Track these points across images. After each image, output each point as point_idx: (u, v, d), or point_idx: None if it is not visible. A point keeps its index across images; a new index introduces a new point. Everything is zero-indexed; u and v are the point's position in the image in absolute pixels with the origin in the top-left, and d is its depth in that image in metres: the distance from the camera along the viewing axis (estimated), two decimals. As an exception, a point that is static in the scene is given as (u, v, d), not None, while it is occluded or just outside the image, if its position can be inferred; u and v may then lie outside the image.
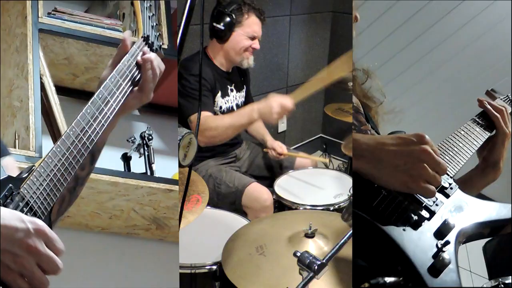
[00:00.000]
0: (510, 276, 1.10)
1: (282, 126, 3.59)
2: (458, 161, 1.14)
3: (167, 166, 2.21)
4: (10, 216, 0.83)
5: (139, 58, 1.18)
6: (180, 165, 1.40)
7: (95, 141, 1.06)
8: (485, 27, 2.69)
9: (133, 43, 1.23)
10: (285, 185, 2.17)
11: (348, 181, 2.19)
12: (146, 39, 1.27)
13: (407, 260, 0.88)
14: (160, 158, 2.28)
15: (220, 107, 2.24)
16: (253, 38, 2.22)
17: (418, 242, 0.91)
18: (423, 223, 0.94)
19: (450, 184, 1.02)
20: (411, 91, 3.01)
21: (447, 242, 0.91)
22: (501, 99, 1.40)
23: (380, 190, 0.94)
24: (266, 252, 1.41)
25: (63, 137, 1.02)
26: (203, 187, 1.61)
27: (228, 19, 2.14)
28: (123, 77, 1.15)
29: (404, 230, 0.92)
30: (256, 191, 2.09)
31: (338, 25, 3.68)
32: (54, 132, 2.04)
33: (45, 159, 0.98)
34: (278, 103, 1.89)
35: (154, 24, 1.32)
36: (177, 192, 2.04)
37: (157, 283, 2.11)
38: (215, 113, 2.22)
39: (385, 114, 1.39)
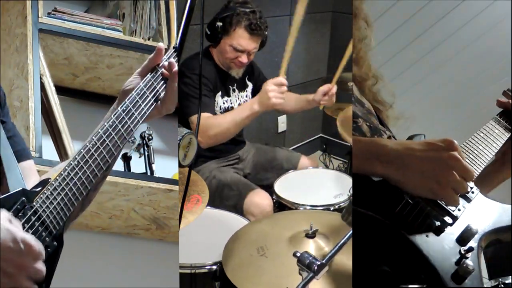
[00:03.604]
0: (510, 276, 1.10)
1: (282, 126, 3.59)
2: (479, 164, 1.13)
3: (167, 166, 2.21)
4: (4, 237, 0.84)
5: (164, 70, 1.14)
6: (180, 165, 1.40)
7: (115, 154, 1.03)
8: (485, 27, 2.69)
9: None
10: (285, 185, 2.17)
11: (348, 181, 2.19)
12: (177, 49, 1.22)
13: (430, 267, 0.87)
14: (160, 158, 2.28)
15: (220, 107, 2.24)
16: (239, 51, 2.15)
17: (441, 248, 0.90)
18: (445, 229, 0.93)
19: (471, 188, 1.01)
20: (411, 91, 3.01)
21: (471, 249, 0.90)
22: None
23: (402, 195, 0.93)
24: (268, 253, 1.41)
25: (81, 149, 1.00)
26: (203, 187, 1.61)
27: (215, 26, 2.10)
28: (150, 88, 1.12)
29: (427, 236, 0.91)
30: (259, 197, 2.08)
31: (338, 25, 3.68)
32: (54, 132, 2.04)
33: (61, 172, 0.97)
34: (271, 83, 1.91)
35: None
36: (177, 192, 2.04)
37: (157, 283, 2.11)
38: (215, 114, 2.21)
39: (396, 120, 1.38)
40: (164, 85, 1.15)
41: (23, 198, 0.92)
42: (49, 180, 0.96)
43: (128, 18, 2.36)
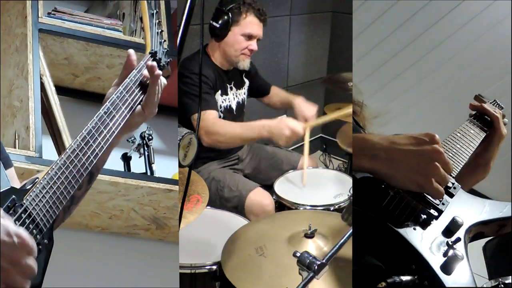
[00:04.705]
0: (510, 276, 1.10)
1: (282, 126, 3.58)
2: (458, 162, 1.15)
3: (167, 166, 2.21)
4: None
5: (145, 72, 1.17)
6: (180, 165, 1.40)
7: (99, 155, 1.05)
8: (485, 27, 2.69)
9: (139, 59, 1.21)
10: (285, 185, 2.17)
11: (348, 181, 2.19)
12: (153, 54, 1.25)
13: (420, 258, 0.88)
14: (160, 158, 2.28)
15: (220, 106, 2.24)
16: (250, 38, 2.19)
17: (428, 241, 0.91)
18: (432, 222, 0.94)
19: (453, 184, 1.03)
20: (411, 91, 3.01)
21: (458, 239, 0.92)
22: (490, 102, 1.42)
23: (387, 190, 0.95)
24: (266, 253, 1.41)
25: (67, 149, 1.02)
26: (203, 187, 1.61)
27: (225, 17, 2.12)
28: (129, 92, 1.15)
29: (414, 229, 0.93)
30: (259, 196, 2.08)
31: (338, 25, 3.68)
32: (54, 132, 2.04)
33: (49, 171, 0.98)
34: (290, 129, 1.93)
35: (163, 40, 1.30)
36: (177, 192, 2.04)
37: (157, 283, 2.11)
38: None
39: (374, 119, 1.40)
40: (143, 89, 1.17)
41: (13, 196, 0.92)
42: (37, 179, 0.97)
43: (128, 18, 2.37)
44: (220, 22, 2.13)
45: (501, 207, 1.03)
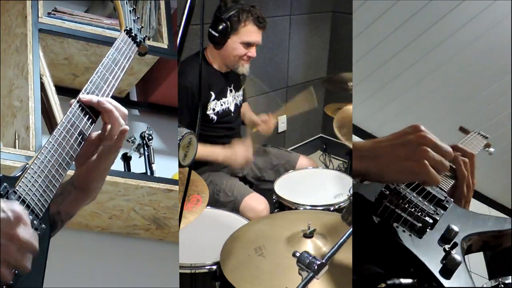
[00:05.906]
0: (510, 276, 1.10)
1: (282, 126, 3.59)
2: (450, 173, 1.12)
3: (167, 166, 2.21)
4: None
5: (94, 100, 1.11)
6: (180, 165, 1.40)
7: (87, 135, 1.05)
8: (485, 27, 2.69)
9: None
10: (285, 185, 2.16)
11: (348, 181, 2.19)
12: (128, 32, 1.28)
13: (418, 262, 0.88)
14: (160, 158, 2.28)
15: (215, 110, 2.23)
16: (249, 46, 2.18)
17: (425, 247, 0.91)
18: (427, 230, 0.94)
19: (445, 197, 1.02)
20: (411, 91, 3.01)
21: (455, 244, 0.91)
22: (474, 132, 1.42)
23: (381, 200, 0.95)
24: (265, 253, 1.41)
25: (53, 133, 1.03)
26: (203, 187, 1.61)
27: (223, 25, 2.10)
28: (109, 71, 1.17)
29: (410, 235, 0.92)
30: (254, 202, 2.09)
31: (338, 25, 3.68)
32: (54, 132, 2.04)
33: (38, 156, 0.98)
34: (243, 156, 2.12)
35: (136, 17, 1.34)
36: (177, 192, 2.04)
37: (157, 283, 2.11)
38: (210, 118, 2.21)
39: None
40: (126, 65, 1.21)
41: (5, 184, 0.92)
42: (27, 165, 0.97)
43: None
44: (219, 30, 2.11)
45: (495, 221, 1.02)
